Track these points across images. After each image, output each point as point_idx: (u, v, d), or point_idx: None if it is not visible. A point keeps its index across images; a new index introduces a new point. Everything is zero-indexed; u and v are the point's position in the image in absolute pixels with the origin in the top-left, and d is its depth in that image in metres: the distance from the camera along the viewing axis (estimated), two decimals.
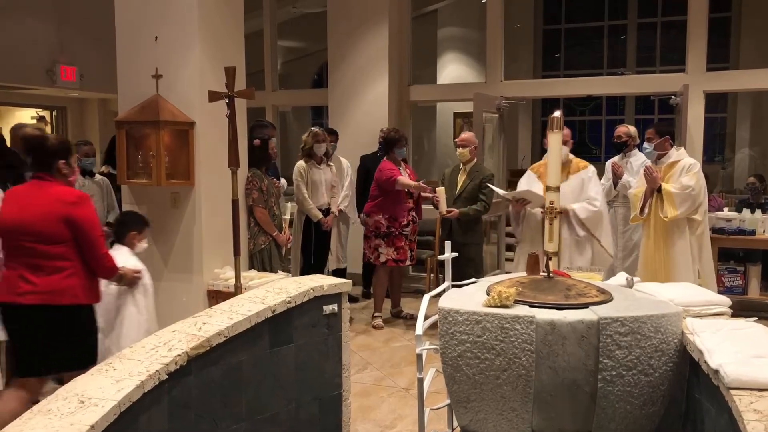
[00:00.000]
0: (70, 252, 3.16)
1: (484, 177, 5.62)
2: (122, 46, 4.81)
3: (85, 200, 3.24)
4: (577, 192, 4.51)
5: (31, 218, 3.12)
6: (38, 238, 3.12)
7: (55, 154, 3.21)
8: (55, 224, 3.11)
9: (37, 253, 3.12)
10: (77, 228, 3.15)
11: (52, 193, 3.16)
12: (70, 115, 9.73)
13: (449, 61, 14.60)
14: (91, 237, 3.19)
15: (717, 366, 1.97)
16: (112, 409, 2.07)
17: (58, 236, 3.13)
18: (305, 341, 3.13)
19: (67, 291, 3.16)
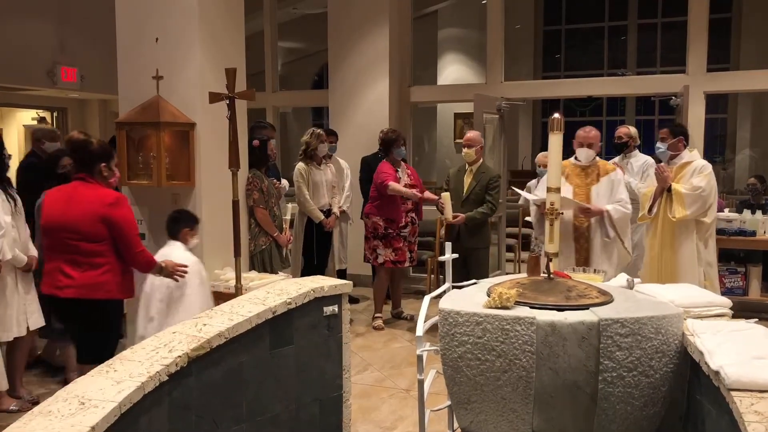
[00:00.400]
0: (107, 250, 3.38)
1: (491, 178, 5.54)
2: (123, 47, 4.81)
3: (122, 201, 3.46)
4: (608, 194, 4.46)
5: (73, 217, 3.34)
6: (79, 236, 3.33)
7: (97, 158, 3.43)
8: (94, 224, 3.33)
9: (77, 249, 3.34)
10: (114, 227, 3.37)
11: (92, 195, 3.37)
12: (71, 116, 9.74)
13: (450, 62, 14.60)
14: (127, 236, 3.40)
15: (718, 367, 1.97)
16: (112, 410, 2.06)
17: (97, 235, 3.34)
18: (306, 342, 3.13)
19: (103, 286, 3.38)
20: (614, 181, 4.49)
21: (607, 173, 4.53)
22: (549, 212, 2.84)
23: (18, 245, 4.00)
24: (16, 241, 3.97)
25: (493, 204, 5.49)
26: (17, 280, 4.06)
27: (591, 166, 4.55)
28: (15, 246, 3.96)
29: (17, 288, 4.06)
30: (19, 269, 4.06)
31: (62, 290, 3.37)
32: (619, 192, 4.48)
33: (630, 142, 5.82)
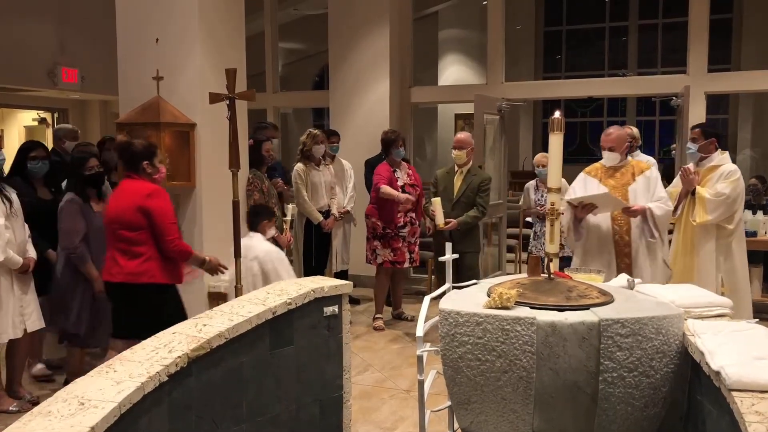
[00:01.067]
0: (147, 239, 3.68)
1: (482, 181, 5.45)
2: (123, 48, 4.82)
3: (158, 193, 3.74)
4: (646, 193, 4.26)
5: (118, 210, 3.72)
6: (123, 226, 3.69)
7: (140, 157, 3.76)
8: (133, 213, 3.65)
9: (123, 238, 3.70)
10: (150, 216, 3.66)
11: (134, 188, 3.72)
12: (72, 116, 9.75)
13: (450, 63, 14.61)
14: (162, 224, 3.67)
15: (718, 368, 1.96)
16: (112, 410, 2.06)
17: (136, 224, 3.66)
18: (306, 343, 3.12)
19: (146, 273, 3.68)
20: (650, 178, 4.29)
21: (642, 172, 4.32)
22: (549, 212, 2.83)
23: (13, 247, 3.99)
24: (11, 242, 3.96)
25: (484, 207, 5.41)
26: (13, 281, 4.04)
27: (623, 166, 4.35)
28: (10, 247, 3.95)
29: (13, 290, 4.04)
30: (16, 271, 4.05)
31: (113, 276, 3.75)
32: (658, 190, 4.28)
33: (632, 143, 5.81)
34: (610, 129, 4.42)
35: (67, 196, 4.25)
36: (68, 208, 4.20)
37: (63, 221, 4.21)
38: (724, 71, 10.19)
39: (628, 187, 4.28)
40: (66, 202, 4.23)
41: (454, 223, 5.25)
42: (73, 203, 4.21)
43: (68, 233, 4.19)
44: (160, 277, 3.72)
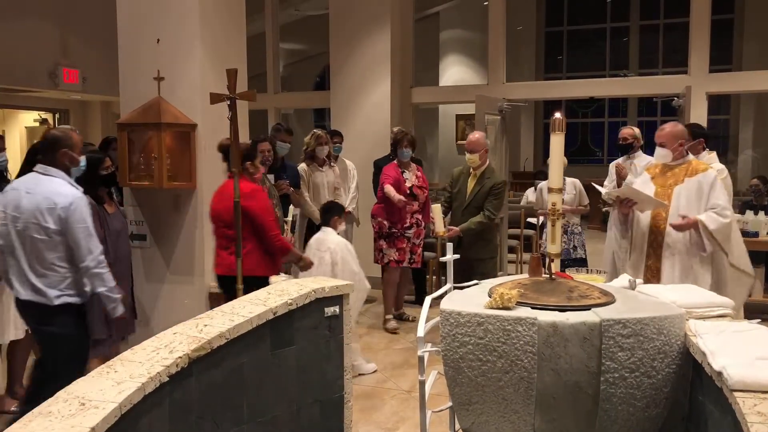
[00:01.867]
0: (247, 235, 3.92)
1: (494, 185, 5.08)
2: (124, 49, 4.82)
3: (258, 192, 4.01)
4: (694, 197, 3.89)
5: (221, 208, 3.96)
6: (225, 224, 3.94)
7: (246, 158, 4.00)
8: (233, 212, 3.84)
9: (224, 235, 3.97)
10: (250, 215, 3.89)
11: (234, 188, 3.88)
12: (73, 117, 9.76)
13: (451, 64, 14.61)
14: (261, 222, 3.92)
15: (720, 368, 1.96)
16: (112, 411, 2.06)
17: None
18: (306, 343, 3.12)
19: (245, 266, 3.89)
20: (703, 182, 3.88)
21: (696, 173, 3.94)
22: (550, 213, 2.82)
23: None
24: None
25: (491, 213, 5.04)
26: None
27: (679, 165, 4.02)
28: None
29: None
30: None
31: (217, 268, 4.08)
32: (713, 196, 3.84)
33: (634, 143, 5.80)
34: (665, 125, 4.12)
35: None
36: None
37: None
38: (725, 71, 10.19)
39: (675, 188, 3.98)
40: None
41: (454, 230, 4.96)
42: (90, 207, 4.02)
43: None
44: (258, 270, 3.96)
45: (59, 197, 3.15)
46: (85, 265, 3.20)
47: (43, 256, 3.17)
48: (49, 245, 3.16)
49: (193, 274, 4.69)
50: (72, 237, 3.16)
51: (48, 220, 3.14)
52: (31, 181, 3.22)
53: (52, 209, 3.13)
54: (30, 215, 3.16)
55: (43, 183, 3.19)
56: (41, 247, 3.17)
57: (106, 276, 3.25)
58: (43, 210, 3.14)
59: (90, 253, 3.19)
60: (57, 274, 3.19)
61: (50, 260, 3.18)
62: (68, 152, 3.28)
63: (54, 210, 3.13)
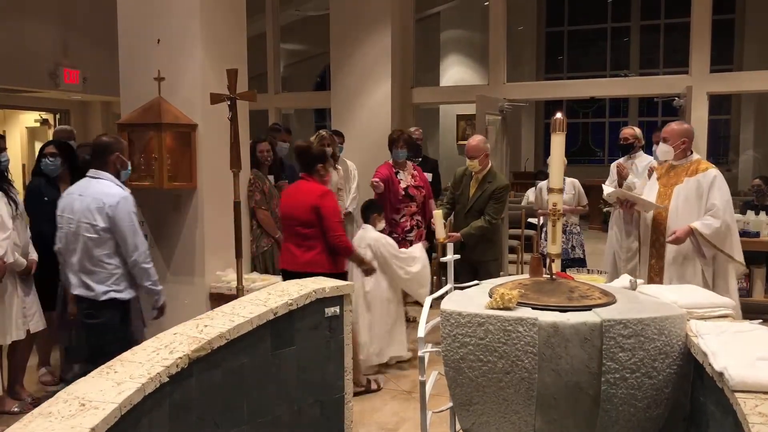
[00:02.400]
0: (319, 234, 4.09)
1: (495, 189, 4.94)
2: (125, 49, 4.82)
3: (328, 194, 4.18)
4: (694, 197, 3.88)
5: (295, 207, 4.14)
6: (299, 222, 4.12)
7: (316, 160, 4.18)
8: (307, 212, 4.07)
9: (299, 233, 4.13)
10: (321, 215, 4.06)
11: (308, 189, 4.14)
12: (74, 118, 9.76)
13: (452, 64, 14.61)
14: (329, 222, 4.08)
15: (721, 368, 1.95)
16: (112, 411, 2.06)
17: (310, 221, 4.08)
18: (307, 344, 3.12)
19: (317, 263, 4.07)
20: (702, 182, 3.86)
21: (696, 173, 3.91)
22: (551, 213, 2.82)
23: (17, 249, 3.99)
24: (16, 245, 3.96)
25: (492, 217, 4.90)
26: (17, 283, 4.06)
27: (682, 164, 4.00)
28: (15, 250, 3.95)
29: (17, 291, 4.05)
30: (18, 273, 4.05)
31: (290, 265, 4.18)
32: (711, 196, 3.81)
33: (635, 143, 5.80)
34: (672, 122, 4.14)
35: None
36: None
37: None
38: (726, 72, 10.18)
39: (675, 187, 3.97)
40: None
41: (455, 236, 4.84)
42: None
43: None
44: (329, 268, 4.10)
45: (107, 197, 3.39)
46: (133, 260, 3.45)
47: (92, 253, 3.42)
48: (98, 242, 3.41)
49: (193, 275, 4.69)
50: (119, 234, 3.41)
51: (97, 218, 3.39)
52: (83, 185, 3.50)
53: (100, 208, 3.37)
54: (81, 215, 3.42)
55: (93, 185, 3.46)
56: (90, 245, 3.41)
57: (151, 270, 3.51)
58: (92, 209, 3.39)
59: (136, 249, 3.43)
60: (105, 271, 3.44)
61: (98, 257, 3.43)
62: (120, 156, 3.55)
63: (102, 209, 3.37)
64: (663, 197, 4.02)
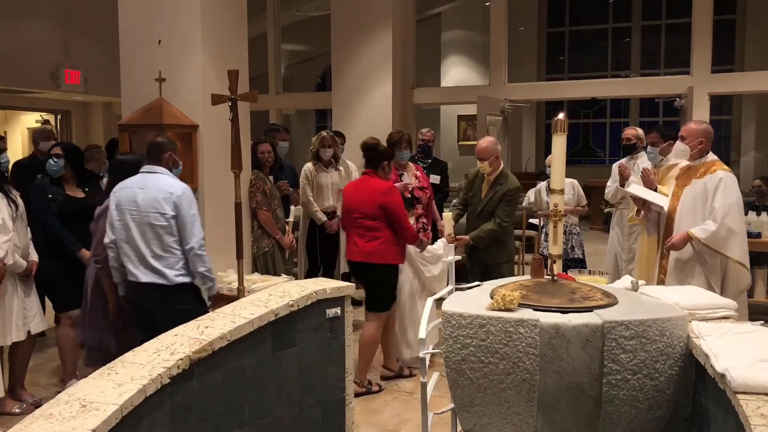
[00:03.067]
0: (383, 226, 4.35)
1: (506, 191, 4.85)
2: (125, 50, 4.81)
3: (393, 190, 4.43)
4: (698, 200, 3.85)
5: (360, 201, 4.40)
6: (363, 215, 4.37)
7: (382, 157, 4.44)
8: (372, 206, 4.33)
9: (362, 225, 4.38)
10: (387, 210, 4.33)
11: (373, 185, 4.40)
12: (75, 118, 9.77)
13: (453, 65, 14.60)
14: (398, 216, 4.37)
15: (723, 370, 1.95)
16: (113, 413, 2.05)
17: (375, 215, 4.34)
18: (308, 345, 3.11)
19: (379, 253, 4.37)
20: (708, 184, 3.82)
21: (704, 175, 3.88)
22: (552, 214, 2.81)
23: (17, 250, 3.99)
24: (16, 246, 3.96)
25: (502, 220, 4.83)
26: (17, 284, 4.05)
27: (696, 165, 3.95)
28: (15, 252, 3.95)
29: (17, 292, 4.05)
30: (19, 274, 4.05)
31: (353, 255, 4.46)
32: (714, 200, 3.78)
33: (638, 144, 5.80)
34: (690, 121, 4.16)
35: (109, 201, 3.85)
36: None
37: (101, 227, 3.83)
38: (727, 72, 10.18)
39: (684, 189, 3.96)
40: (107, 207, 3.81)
41: (464, 239, 4.83)
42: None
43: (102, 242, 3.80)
44: (390, 259, 4.42)
45: (173, 188, 3.64)
46: (190, 246, 3.62)
47: (162, 240, 3.62)
48: (168, 230, 3.62)
49: None
50: (181, 221, 3.62)
51: (166, 207, 3.60)
52: (140, 180, 3.69)
53: (168, 198, 3.59)
54: (149, 206, 3.61)
55: (153, 179, 3.67)
56: (161, 232, 3.61)
57: (206, 258, 3.69)
58: (160, 200, 3.61)
59: (194, 236, 3.63)
60: (174, 256, 3.64)
61: (168, 243, 3.63)
62: (173, 155, 3.79)
63: (170, 199, 3.60)
64: (675, 198, 4.00)
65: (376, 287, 4.53)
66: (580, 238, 6.33)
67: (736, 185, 3.89)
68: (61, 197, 4.30)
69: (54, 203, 4.27)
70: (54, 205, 4.26)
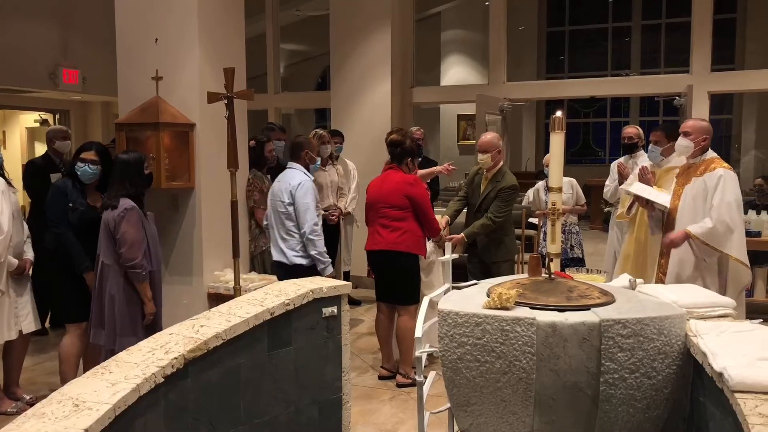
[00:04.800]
0: (408, 216, 4.48)
1: (502, 188, 4.83)
2: (122, 49, 4.80)
3: (419, 182, 4.64)
4: (699, 197, 3.85)
5: (386, 192, 4.55)
6: (388, 206, 4.50)
7: (407, 154, 4.60)
8: (399, 197, 4.48)
9: (387, 215, 4.51)
10: (413, 201, 4.47)
11: (398, 178, 4.56)
12: (73, 118, 9.75)
13: (453, 64, 14.59)
14: (423, 207, 4.51)
15: (721, 369, 1.93)
16: (106, 412, 2.03)
17: (402, 205, 4.48)
18: (304, 344, 3.10)
19: (402, 243, 4.47)
20: (707, 182, 3.81)
21: (704, 172, 3.86)
22: (551, 212, 2.80)
23: (10, 250, 3.97)
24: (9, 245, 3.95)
25: (495, 215, 4.79)
26: (8, 283, 4.03)
27: (696, 163, 3.96)
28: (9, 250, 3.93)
29: (8, 291, 4.02)
30: (11, 273, 4.02)
31: (377, 245, 4.56)
32: (715, 198, 3.76)
33: (639, 142, 5.78)
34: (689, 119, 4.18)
35: (125, 203, 3.72)
36: (131, 217, 3.70)
37: (127, 231, 3.68)
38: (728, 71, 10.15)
39: (685, 187, 3.95)
40: (125, 210, 3.70)
41: (458, 237, 4.78)
42: (134, 211, 3.74)
43: (131, 246, 3.69)
44: (413, 248, 4.49)
45: (293, 180, 4.32)
46: (303, 231, 4.28)
47: (284, 225, 4.34)
48: (287, 216, 4.32)
49: (191, 275, 4.67)
50: (296, 208, 4.28)
51: (285, 197, 4.31)
52: (281, 174, 4.49)
53: (288, 189, 4.30)
54: (277, 196, 4.37)
55: (287, 173, 4.43)
56: (283, 218, 4.33)
57: (317, 242, 4.29)
58: (283, 190, 4.33)
59: (306, 222, 4.26)
60: (294, 239, 4.33)
61: (289, 227, 4.33)
62: (309, 152, 4.50)
63: (289, 189, 4.29)
64: (675, 197, 4.00)
65: (400, 277, 4.55)
66: (579, 237, 6.31)
67: (736, 182, 3.87)
68: (82, 207, 3.97)
69: (73, 213, 3.96)
70: (73, 216, 3.94)
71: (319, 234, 4.28)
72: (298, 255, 4.31)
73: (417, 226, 4.52)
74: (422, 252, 4.58)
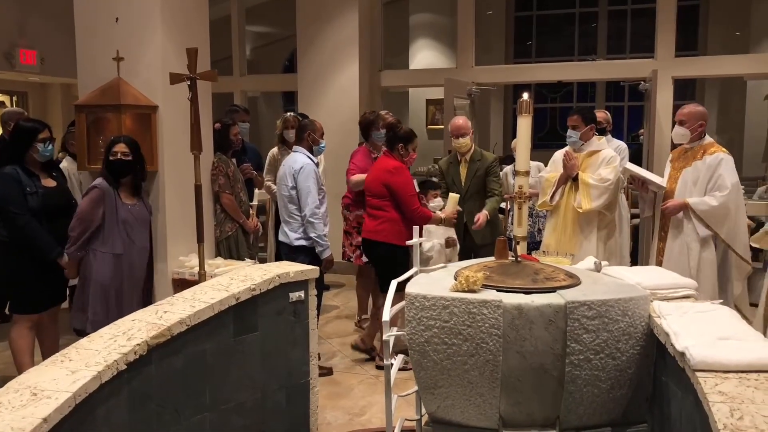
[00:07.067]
0: (387, 205, 4.44)
1: (489, 164, 4.95)
2: (81, 28, 4.65)
3: (401, 170, 4.46)
4: (700, 180, 3.90)
5: (369, 180, 4.59)
6: (371, 193, 4.55)
7: (398, 139, 4.51)
8: (378, 185, 4.47)
9: (369, 204, 4.58)
10: (391, 190, 4.41)
11: (383, 165, 4.52)
12: (32, 100, 9.48)
13: (421, 48, 14.52)
14: (403, 197, 4.41)
15: (683, 348, 1.96)
16: (66, 401, 1.99)
17: (380, 193, 4.46)
18: (271, 329, 3.07)
19: (380, 233, 4.48)
20: (710, 165, 3.87)
21: (704, 156, 3.93)
22: (517, 196, 2.80)
23: None
24: None
25: (498, 191, 4.96)
26: None
27: (694, 148, 4.03)
28: None
29: None
30: None
31: (363, 233, 4.67)
32: (721, 179, 3.84)
33: (607, 127, 5.82)
34: (685, 105, 4.19)
35: (97, 181, 3.88)
36: (93, 194, 3.82)
37: (81, 204, 3.88)
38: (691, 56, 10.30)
39: (682, 171, 4.01)
40: (91, 187, 3.88)
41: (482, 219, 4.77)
42: (99, 189, 3.83)
43: (77, 217, 3.82)
44: (391, 238, 4.42)
45: (296, 164, 4.37)
46: (303, 213, 4.35)
47: (287, 207, 4.43)
48: (290, 199, 4.40)
49: (156, 260, 4.58)
50: (298, 192, 4.35)
51: (288, 180, 4.37)
52: (287, 158, 4.56)
53: (290, 173, 4.36)
54: (282, 179, 4.45)
55: (292, 156, 4.49)
56: (286, 201, 4.42)
57: (317, 225, 4.35)
58: (286, 174, 4.40)
59: (307, 205, 4.32)
60: (296, 222, 4.41)
61: (291, 210, 4.42)
62: (311, 134, 4.51)
63: (291, 173, 4.35)
64: (672, 180, 4.07)
65: (378, 265, 4.62)
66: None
67: (734, 167, 4.01)
68: (40, 190, 3.86)
69: (33, 197, 3.81)
70: (33, 200, 3.81)
71: (319, 217, 4.33)
72: (300, 237, 4.38)
73: (398, 216, 4.43)
74: (401, 242, 4.32)
